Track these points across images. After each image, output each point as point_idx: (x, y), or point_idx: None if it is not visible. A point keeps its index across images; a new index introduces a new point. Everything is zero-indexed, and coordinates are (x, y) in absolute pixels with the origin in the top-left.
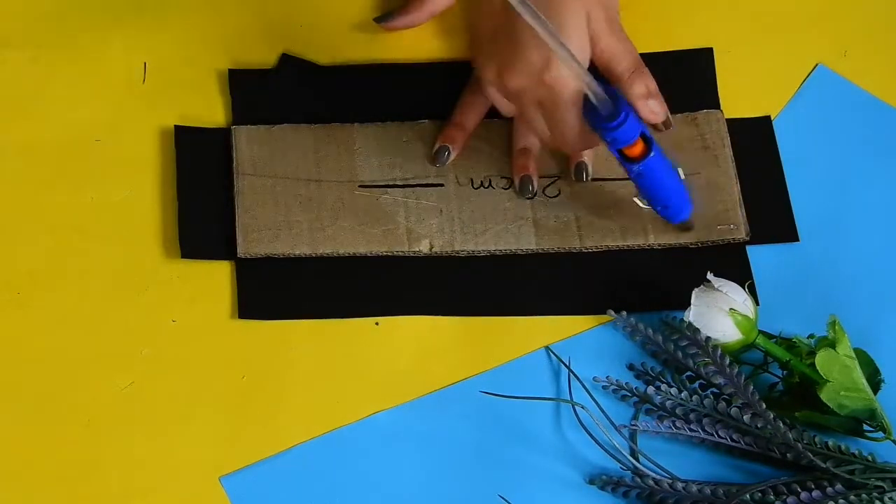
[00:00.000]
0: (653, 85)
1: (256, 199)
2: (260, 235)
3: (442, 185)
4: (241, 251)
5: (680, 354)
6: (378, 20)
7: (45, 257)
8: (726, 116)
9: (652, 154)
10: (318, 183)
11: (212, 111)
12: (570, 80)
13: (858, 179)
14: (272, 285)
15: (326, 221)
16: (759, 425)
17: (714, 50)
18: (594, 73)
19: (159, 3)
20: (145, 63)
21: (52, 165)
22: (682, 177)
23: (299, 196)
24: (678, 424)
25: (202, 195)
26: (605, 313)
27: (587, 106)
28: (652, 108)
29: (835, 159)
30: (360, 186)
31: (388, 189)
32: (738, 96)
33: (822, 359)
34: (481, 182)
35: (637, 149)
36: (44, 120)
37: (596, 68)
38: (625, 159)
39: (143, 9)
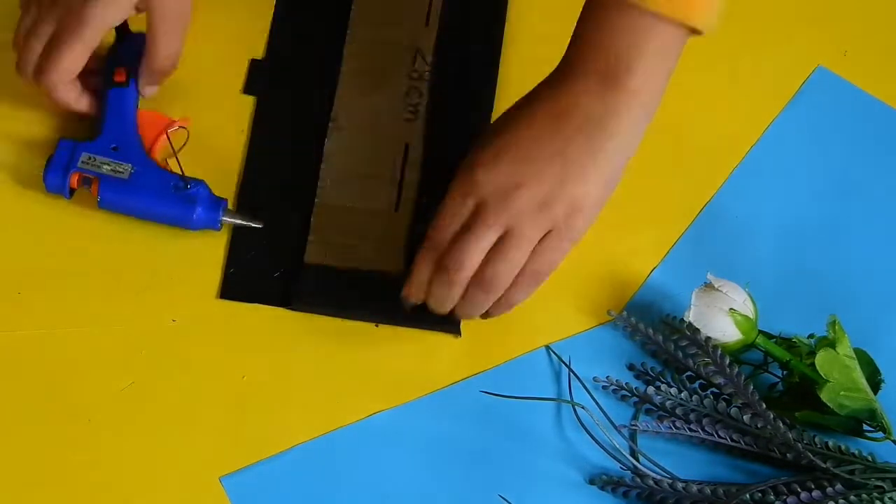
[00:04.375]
0: None
1: None
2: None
3: None
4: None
5: (680, 354)
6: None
7: (45, 257)
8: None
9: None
10: None
11: (213, 110)
12: None
13: (858, 179)
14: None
15: None
16: (759, 425)
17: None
18: None
19: None
20: None
21: None
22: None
23: None
24: (678, 424)
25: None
26: None
27: None
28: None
29: (835, 159)
30: None
31: None
32: (739, 96)
33: (822, 359)
34: None
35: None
36: (44, 120)
37: None
38: None
39: None
